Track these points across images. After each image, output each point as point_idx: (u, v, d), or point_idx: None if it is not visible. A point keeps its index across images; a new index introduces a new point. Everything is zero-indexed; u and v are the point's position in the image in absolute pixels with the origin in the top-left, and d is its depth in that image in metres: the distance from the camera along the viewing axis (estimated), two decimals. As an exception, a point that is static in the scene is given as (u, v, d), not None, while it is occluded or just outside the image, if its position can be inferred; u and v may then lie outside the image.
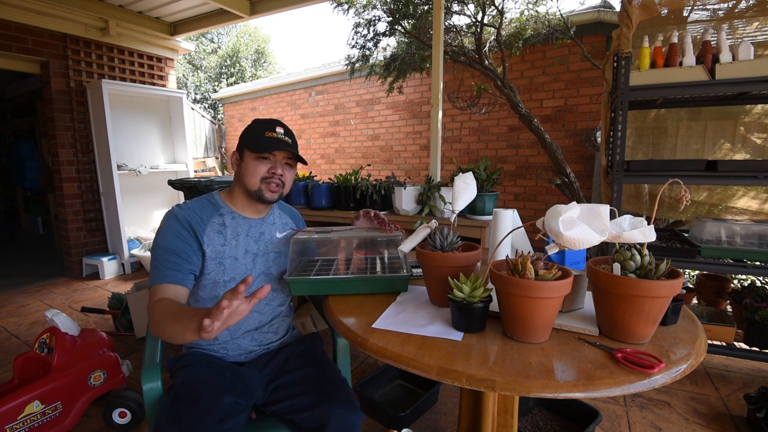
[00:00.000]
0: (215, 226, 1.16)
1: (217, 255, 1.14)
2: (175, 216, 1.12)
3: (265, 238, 1.24)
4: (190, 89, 13.11)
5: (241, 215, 1.22)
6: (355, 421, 1.01)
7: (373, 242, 1.38)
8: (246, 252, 1.19)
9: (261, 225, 1.25)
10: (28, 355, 1.75)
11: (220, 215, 1.18)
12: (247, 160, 1.16)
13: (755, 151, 2.17)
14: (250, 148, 1.16)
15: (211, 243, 1.14)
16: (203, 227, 1.14)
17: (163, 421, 0.95)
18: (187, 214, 1.13)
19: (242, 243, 1.19)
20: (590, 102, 4.13)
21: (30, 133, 6.15)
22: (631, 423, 1.74)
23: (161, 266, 1.06)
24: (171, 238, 1.09)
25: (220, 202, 1.21)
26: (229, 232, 1.17)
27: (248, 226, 1.22)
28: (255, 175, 1.16)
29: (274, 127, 1.17)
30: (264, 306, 1.21)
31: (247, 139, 1.17)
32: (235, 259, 1.17)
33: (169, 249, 1.08)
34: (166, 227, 1.11)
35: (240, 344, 1.19)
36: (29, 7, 3.50)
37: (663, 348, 0.83)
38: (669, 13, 2.16)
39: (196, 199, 1.21)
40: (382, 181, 2.47)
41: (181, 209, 1.14)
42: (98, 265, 4.00)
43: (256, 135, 1.16)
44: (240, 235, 1.19)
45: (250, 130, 1.18)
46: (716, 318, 2.09)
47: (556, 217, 0.78)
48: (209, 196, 1.22)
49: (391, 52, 4.15)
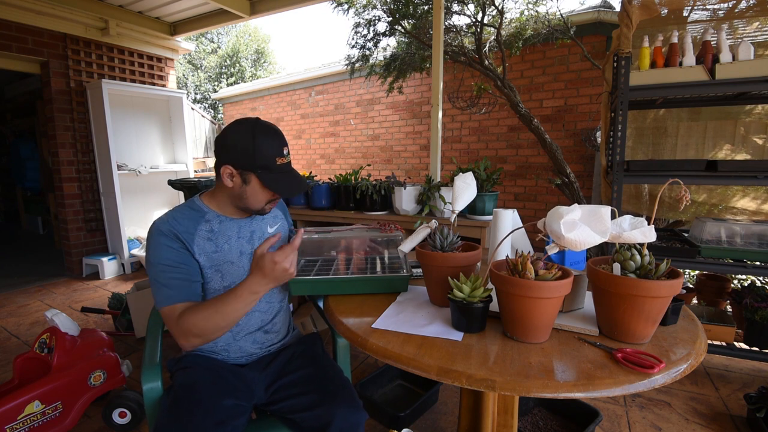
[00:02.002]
0: (203, 234, 1.10)
1: (212, 263, 1.10)
2: (160, 230, 1.05)
3: (256, 236, 1.20)
4: (190, 89, 13.11)
5: (228, 218, 1.16)
6: (358, 419, 1.01)
7: (373, 242, 1.38)
8: (241, 254, 1.15)
9: (250, 224, 1.20)
10: (28, 355, 1.75)
11: (207, 221, 1.12)
12: (255, 187, 1.07)
13: (755, 152, 2.17)
14: (261, 178, 1.06)
15: (203, 252, 1.09)
16: (191, 237, 1.08)
17: (163, 422, 0.95)
18: (172, 226, 1.06)
19: (235, 246, 1.14)
20: (590, 102, 4.13)
21: (30, 133, 6.15)
22: (631, 423, 1.74)
23: (165, 286, 1.02)
24: (164, 253, 1.03)
25: (204, 207, 1.14)
26: (219, 237, 1.12)
27: (237, 227, 1.16)
28: (260, 201, 1.11)
29: (282, 150, 1.08)
30: (265, 304, 1.21)
31: (252, 161, 1.04)
32: (231, 263, 1.13)
33: (167, 265, 1.03)
34: (155, 244, 1.04)
35: (242, 346, 1.18)
36: (29, 7, 3.50)
37: (663, 348, 0.83)
38: (669, 13, 2.16)
39: (178, 209, 1.12)
40: (382, 181, 2.47)
41: (164, 222, 1.07)
42: (98, 265, 4.00)
43: (266, 161, 1.05)
44: (231, 238, 1.14)
45: (256, 151, 1.03)
46: (716, 318, 2.09)
47: (557, 218, 0.78)
48: (190, 203, 1.15)
49: (391, 52, 4.15)
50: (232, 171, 1.05)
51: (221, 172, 1.06)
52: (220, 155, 1.07)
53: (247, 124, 1.06)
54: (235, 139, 1.04)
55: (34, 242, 5.84)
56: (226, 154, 1.05)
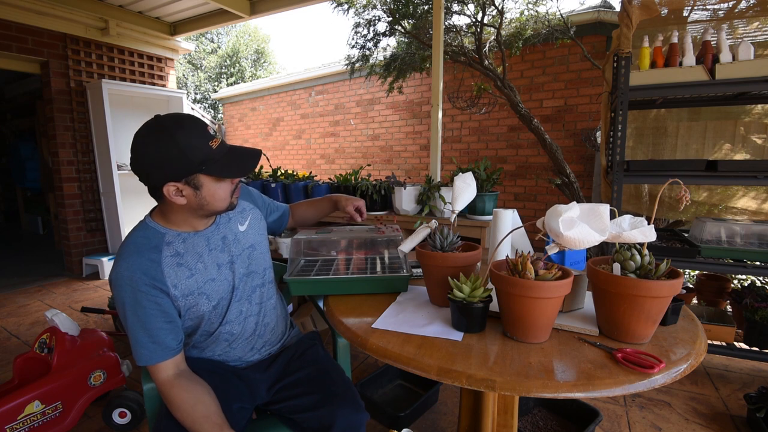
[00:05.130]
0: (169, 260, 0.98)
1: (192, 289, 1.00)
2: (130, 281, 0.92)
3: (229, 240, 1.09)
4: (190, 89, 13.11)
5: (191, 233, 1.03)
6: (360, 420, 1.01)
7: (373, 242, 1.38)
8: (219, 267, 1.05)
9: (216, 231, 1.08)
10: (28, 355, 1.75)
11: (168, 244, 0.99)
12: (209, 186, 0.95)
13: (755, 152, 2.17)
14: (209, 173, 0.93)
15: (178, 281, 0.98)
16: (159, 271, 0.95)
17: (163, 422, 0.95)
18: (139, 270, 0.93)
19: (209, 261, 1.04)
20: (590, 102, 4.13)
21: (30, 133, 6.14)
22: (631, 423, 1.74)
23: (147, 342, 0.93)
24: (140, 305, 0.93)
25: (160, 228, 1.01)
26: (189, 258, 1.00)
27: (205, 239, 1.05)
28: (225, 198, 1.00)
29: (208, 132, 0.94)
30: (255, 306, 1.16)
31: (189, 163, 0.90)
32: (213, 281, 1.04)
33: (145, 322, 0.93)
34: (126, 300, 0.93)
35: (239, 354, 1.15)
36: (29, 7, 3.50)
37: (663, 348, 0.83)
38: (669, 13, 2.16)
39: (132, 241, 0.97)
40: (382, 181, 2.47)
41: (128, 270, 0.93)
42: (98, 265, 4.00)
43: (202, 152, 0.91)
44: (203, 254, 1.03)
45: (186, 150, 0.89)
46: (716, 318, 2.09)
47: (556, 216, 0.78)
48: (143, 228, 1.01)
49: (391, 52, 4.15)
50: (176, 186, 0.92)
51: (165, 194, 0.93)
52: (150, 178, 0.92)
53: (155, 130, 0.90)
54: (156, 152, 0.89)
55: (34, 242, 5.84)
56: (159, 171, 0.90)
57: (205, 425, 0.89)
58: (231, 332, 1.10)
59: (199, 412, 0.91)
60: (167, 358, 0.95)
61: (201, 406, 0.91)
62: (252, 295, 1.14)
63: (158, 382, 0.95)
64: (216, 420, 0.91)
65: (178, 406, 0.92)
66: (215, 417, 0.91)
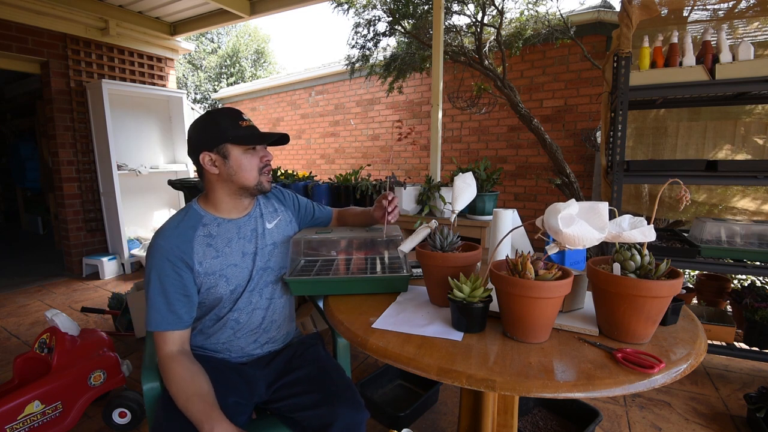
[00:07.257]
0: (201, 240, 1.09)
1: (215, 269, 1.09)
2: (162, 250, 1.04)
3: (257, 233, 1.19)
4: (190, 89, 13.10)
5: (226, 219, 1.14)
6: (360, 419, 1.01)
7: (373, 242, 1.38)
8: (243, 255, 1.14)
9: (248, 222, 1.18)
10: (28, 355, 1.75)
11: (204, 225, 1.11)
12: (236, 156, 1.08)
13: (755, 152, 2.17)
14: (234, 141, 1.07)
15: (204, 259, 1.08)
16: (190, 246, 1.06)
17: (162, 422, 0.95)
18: (173, 243, 1.05)
19: (236, 247, 1.13)
20: (590, 102, 4.13)
21: (30, 133, 6.14)
22: (631, 423, 1.74)
23: (163, 308, 1.02)
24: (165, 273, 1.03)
25: (201, 211, 1.13)
26: (219, 241, 1.11)
27: (237, 227, 1.15)
28: (252, 169, 1.10)
29: (241, 116, 1.11)
30: (265, 300, 1.19)
31: (220, 134, 1.07)
32: (235, 266, 1.12)
33: (166, 289, 1.03)
34: (154, 265, 1.04)
35: (242, 345, 1.18)
36: (29, 7, 3.50)
37: (663, 348, 0.82)
38: (669, 13, 2.16)
39: (175, 218, 1.11)
40: (382, 181, 2.47)
41: (164, 240, 1.05)
42: (98, 265, 4.00)
43: (231, 128, 1.08)
44: (232, 240, 1.13)
45: (219, 125, 1.08)
46: (716, 318, 2.09)
47: (555, 214, 0.78)
48: (187, 209, 1.14)
49: (391, 52, 4.15)
50: (209, 155, 1.08)
51: (203, 165, 1.08)
52: (192, 152, 1.10)
53: (203, 116, 1.12)
54: (196, 129, 1.10)
55: (34, 242, 5.83)
56: (197, 145, 1.09)
57: (198, 403, 0.92)
58: (238, 320, 1.15)
59: (193, 389, 0.95)
60: (177, 328, 1.02)
61: (196, 385, 0.96)
62: (264, 289, 1.18)
63: (161, 353, 1.02)
64: (208, 400, 0.94)
65: (176, 381, 0.96)
66: (208, 397, 0.95)
